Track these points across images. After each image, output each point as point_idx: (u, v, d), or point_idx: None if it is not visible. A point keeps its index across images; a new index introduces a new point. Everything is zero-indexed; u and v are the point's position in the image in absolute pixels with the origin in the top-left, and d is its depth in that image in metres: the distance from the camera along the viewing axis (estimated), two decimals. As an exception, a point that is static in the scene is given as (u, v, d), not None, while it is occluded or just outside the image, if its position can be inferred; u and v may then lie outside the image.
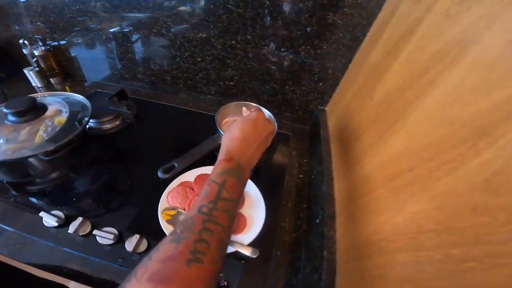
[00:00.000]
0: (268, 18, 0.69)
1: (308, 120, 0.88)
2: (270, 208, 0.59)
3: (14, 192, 0.58)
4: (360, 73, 0.60)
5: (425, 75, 0.33)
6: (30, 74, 0.94)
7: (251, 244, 0.50)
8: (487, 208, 0.21)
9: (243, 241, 0.50)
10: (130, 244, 0.50)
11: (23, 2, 0.85)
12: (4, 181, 0.56)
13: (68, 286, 0.72)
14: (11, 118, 0.54)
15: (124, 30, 0.84)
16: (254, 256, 0.48)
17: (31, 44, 0.91)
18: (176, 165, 0.56)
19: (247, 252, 0.48)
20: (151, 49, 0.87)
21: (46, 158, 0.52)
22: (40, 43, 0.92)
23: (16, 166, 0.53)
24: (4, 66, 1.00)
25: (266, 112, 0.71)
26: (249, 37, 0.74)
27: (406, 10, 0.47)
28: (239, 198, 0.37)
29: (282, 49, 0.74)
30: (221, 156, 0.40)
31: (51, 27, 0.90)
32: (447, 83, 0.28)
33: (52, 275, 0.50)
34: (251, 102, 0.74)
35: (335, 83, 0.75)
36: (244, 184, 0.40)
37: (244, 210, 0.56)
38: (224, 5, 0.69)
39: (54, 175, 0.62)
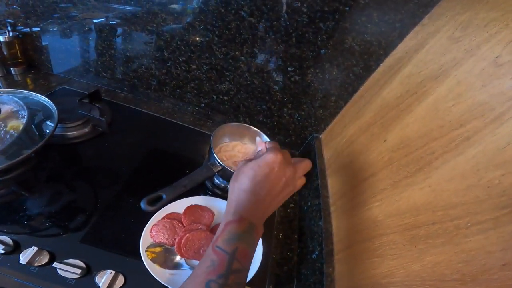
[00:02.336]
0: (283, 33, 0.69)
1: (299, 146, 0.91)
2: (264, 241, 0.58)
3: None
4: (369, 108, 0.61)
5: (459, 128, 0.32)
6: None
7: (249, 283, 0.49)
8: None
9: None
10: (102, 280, 0.45)
11: None
12: None
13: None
14: None
15: (110, 22, 0.79)
16: None
17: None
18: (164, 196, 0.52)
19: None
20: (139, 48, 0.83)
21: None
22: (9, 28, 0.85)
23: None
24: None
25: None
26: (256, 50, 0.74)
27: (439, 48, 0.45)
28: (250, 264, 0.35)
29: (289, 69, 0.75)
30: (229, 215, 0.37)
31: (27, 11, 0.83)
32: (487, 144, 0.28)
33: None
34: (243, 121, 0.75)
35: (335, 111, 0.78)
36: (256, 245, 0.38)
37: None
38: (237, 10, 0.68)
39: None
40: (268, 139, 0.72)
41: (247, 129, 0.74)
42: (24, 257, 0.45)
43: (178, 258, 0.50)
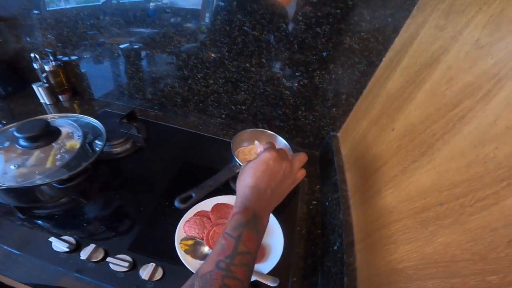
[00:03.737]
0: (285, 42, 0.72)
1: (318, 146, 0.91)
2: (286, 235, 0.60)
3: (20, 215, 0.58)
4: (377, 101, 0.62)
5: (454, 109, 0.33)
6: (39, 90, 0.94)
7: (270, 273, 0.51)
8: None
9: (262, 270, 0.51)
10: (145, 273, 0.50)
11: (37, 13, 0.87)
12: (11, 205, 0.56)
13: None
14: (22, 143, 0.54)
15: (135, 47, 0.87)
16: (274, 285, 0.49)
17: (41, 58, 0.91)
18: (193, 195, 0.58)
19: (267, 281, 0.49)
20: (163, 69, 0.89)
21: (59, 187, 0.52)
22: (51, 58, 0.93)
23: (26, 192, 0.52)
24: (11, 80, 1.01)
25: (282, 142, 0.74)
26: (263, 60, 0.77)
27: (429, 37, 0.47)
28: (257, 248, 0.38)
29: (297, 74, 0.77)
30: (235, 208, 0.40)
31: (63, 41, 0.92)
32: (480, 120, 0.29)
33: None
34: (262, 127, 0.77)
35: (348, 109, 0.79)
36: (263, 232, 0.40)
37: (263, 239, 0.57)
38: (240, 27, 0.72)
39: (63, 200, 0.63)
40: (284, 141, 0.75)
41: (263, 133, 0.77)
42: (84, 253, 0.51)
43: (206, 249, 0.54)
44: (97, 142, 0.63)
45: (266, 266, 0.52)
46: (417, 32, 0.52)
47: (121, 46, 0.88)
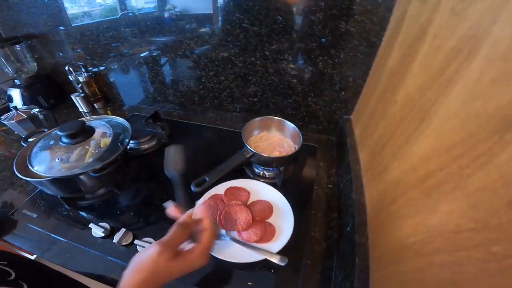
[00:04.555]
0: (283, 33, 0.72)
1: (333, 130, 0.88)
2: (299, 218, 0.59)
3: (66, 207, 0.66)
4: (381, 79, 0.60)
5: (443, 73, 0.33)
6: (77, 100, 1.03)
7: (280, 253, 0.51)
8: (523, 200, 0.20)
9: (272, 250, 0.51)
10: None
11: (63, 29, 0.95)
12: (58, 196, 0.64)
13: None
14: (64, 140, 0.62)
15: (153, 54, 0.92)
16: (283, 264, 0.48)
17: (75, 71, 0.99)
18: (207, 179, 0.60)
19: (275, 260, 0.49)
20: (179, 71, 0.94)
21: (95, 175, 0.59)
22: (83, 70, 1.00)
23: (69, 182, 0.59)
24: (53, 93, 1.11)
25: (290, 126, 0.73)
26: (267, 52, 0.77)
27: (416, 11, 0.47)
28: None
29: (300, 62, 0.76)
30: None
31: (91, 53, 0.99)
32: (467, 79, 0.28)
33: (99, 283, 0.54)
34: (275, 116, 0.77)
35: (357, 90, 0.75)
36: None
37: (273, 220, 0.58)
38: (240, 24, 0.74)
39: (101, 191, 0.69)
40: (293, 125, 0.74)
41: (270, 120, 0.77)
42: (116, 237, 0.56)
43: (220, 229, 0.55)
44: (127, 139, 0.68)
45: (275, 245, 0.52)
46: (406, 8, 0.52)
47: (142, 55, 0.94)
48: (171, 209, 0.38)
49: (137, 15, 0.83)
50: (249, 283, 0.50)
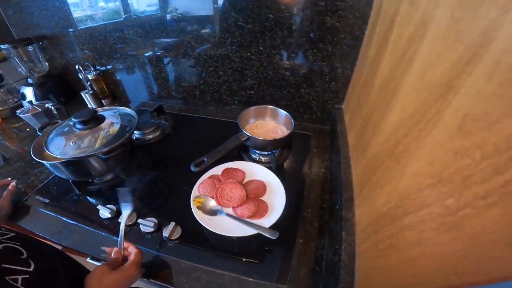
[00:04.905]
0: (275, 29, 0.76)
1: (327, 120, 0.91)
2: (292, 200, 0.62)
3: (77, 191, 0.70)
4: (364, 68, 0.64)
5: (405, 55, 0.37)
6: (86, 97, 1.07)
7: (272, 228, 0.54)
8: (464, 150, 0.23)
9: (265, 225, 0.54)
10: (166, 231, 0.57)
11: (72, 30, 0.99)
12: (70, 181, 0.69)
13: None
14: (78, 126, 0.66)
15: (157, 53, 0.96)
16: (274, 238, 0.51)
17: (84, 69, 1.04)
18: (205, 159, 0.64)
19: (267, 233, 0.52)
20: (180, 68, 0.98)
21: (103, 157, 0.63)
22: (92, 68, 1.04)
23: (81, 165, 0.64)
24: (63, 91, 1.17)
25: (283, 113, 0.77)
26: (261, 48, 0.81)
27: (387, 4, 0.52)
28: None
29: (292, 55, 0.80)
30: None
31: (98, 53, 1.04)
32: (421, 57, 0.32)
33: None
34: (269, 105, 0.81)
35: (346, 81, 0.78)
36: None
37: (266, 198, 0.61)
38: (235, 22, 0.78)
39: (108, 176, 0.74)
40: (285, 112, 0.78)
41: (265, 109, 0.81)
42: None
43: (212, 204, 0.59)
44: (133, 126, 0.71)
45: (268, 221, 0.55)
46: (381, 2, 0.56)
47: (146, 54, 0.99)
48: (109, 251, 0.51)
49: (140, 17, 0.88)
50: (243, 259, 0.54)
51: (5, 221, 0.65)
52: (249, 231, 0.53)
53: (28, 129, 1.02)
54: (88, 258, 0.61)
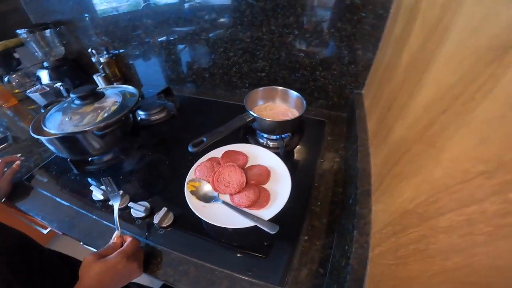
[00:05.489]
0: (288, 7, 0.68)
1: (344, 106, 0.81)
2: (299, 191, 0.55)
3: (75, 171, 0.67)
4: (388, 48, 0.56)
5: (439, 24, 0.31)
6: (98, 79, 1.06)
7: (273, 221, 0.46)
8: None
9: (264, 217, 0.47)
10: (157, 217, 0.51)
11: (88, 16, 0.98)
12: (68, 159, 0.66)
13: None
14: (76, 102, 0.63)
15: (170, 38, 0.92)
16: (273, 232, 0.44)
17: (98, 53, 1.04)
18: (204, 139, 0.57)
19: (265, 227, 0.44)
20: (190, 50, 0.93)
21: (98, 133, 0.59)
22: (105, 52, 1.05)
23: (76, 142, 0.60)
24: (78, 75, 1.16)
25: (294, 95, 0.70)
26: (273, 27, 0.74)
27: None
28: None
29: (307, 35, 0.72)
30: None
31: (112, 37, 1.02)
32: (460, 22, 0.27)
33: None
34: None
35: (367, 64, 0.69)
36: None
37: (269, 185, 0.53)
38: (246, 0, 0.72)
39: (107, 157, 0.70)
40: (296, 93, 0.71)
41: (274, 90, 0.73)
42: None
43: (206, 189, 0.53)
44: (132, 103, 0.68)
45: (268, 212, 0.48)
46: None
47: (159, 40, 0.95)
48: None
49: (159, 6, 0.84)
50: (238, 254, 0.47)
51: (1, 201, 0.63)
52: (246, 223, 0.46)
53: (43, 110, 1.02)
54: (81, 243, 0.56)
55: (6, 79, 1.11)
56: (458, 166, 0.23)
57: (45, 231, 1.00)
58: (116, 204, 0.52)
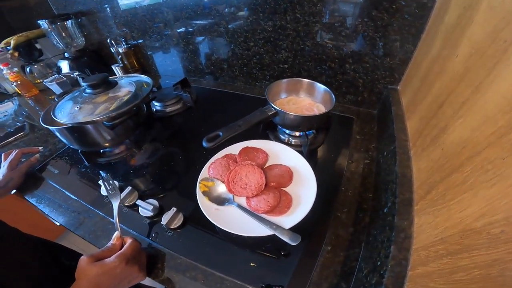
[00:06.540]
0: None
1: (375, 103, 0.74)
2: (324, 195, 0.49)
3: (86, 163, 0.65)
4: (436, 39, 0.50)
5: None
6: (117, 70, 1.06)
7: (293, 230, 0.40)
8: None
9: (285, 224, 0.41)
10: (165, 218, 0.47)
11: (108, 7, 0.98)
12: (79, 151, 0.64)
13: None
14: (88, 90, 0.61)
15: (188, 29, 0.89)
16: (294, 244, 0.38)
17: (117, 44, 1.05)
18: (221, 134, 0.52)
19: (286, 238, 0.39)
20: (209, 41, 0.90)
21: (108, 124, 0.56)
22: (124, 43, 1.05)
23: (87, 132, 0.58)
24: (97, 66, 1.16)
25: (321, 88, 0.64)
26: (298, 15, 0.68)
27: None
28: None
29: (336, 24, 0.65)
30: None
31: (130, 28, 1.01)
32: None
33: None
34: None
35: (406, 57, 0.62)
36: None
37: (291, 189, 0.48)
38: None
39: (119, 149, 0.68)
40: (324, 86, 0.64)
41: (299, 82, 0.67)
42: (123, 195, 0.52)
43: (221, 190, 0.48)
44: (145, 93, 0.64)
45: (289, 220, 0.42)
46: None
47: (178, 31, 0.93)
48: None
49: None
50: (251, 264, 0.42)
51: (10, 193, 0.62)
52: (264, 231, 0.40)
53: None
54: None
55: (28, 69, 1.13)
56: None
57: (58, 223, 1.03)
58: (115, 203, 0.48)
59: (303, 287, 0.39)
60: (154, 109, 0.82)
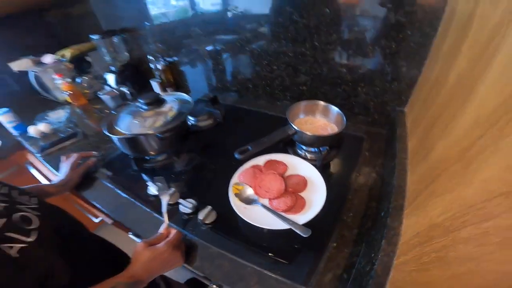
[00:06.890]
0: (331, 25, 0.73)
1: (384, 123, 0.83)
2: (333, 200, 0.59)
3: (134, 167, 0.79)
4: (435, 66, 0.57)
5: (489, 46, 0.33)
6: (155, 85, 1.17)
7: (305, 226, 0.51)
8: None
9: (298, 221, 0.52)
10: (201, 214, 0.59)
11: (148, 24, 1.11)
12: (132, 156, 0.78)
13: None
14: (143, 107, 0.74)
15: (216, 48, 1.02)
16: (305, 236, 0.49)
17: (156, 60, 1.14)
18: (250, 148, 0.65)
19: (299, 230, 0.50)
20: (236, 61, 1.02)
21: (160, 136, 0.70)
22: (161, 59, 1.14)
23: (140, 142, 0.72)
24: (138, 79, 1.27)
25: (335, 110, 0.73)
26: (316, 43, 0.79)
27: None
28: None
29: (350, 51, 0.75)
30: (125, 272, 0.47)
31: (167, 46, 1.14)
32: (507, 48, 0.29)
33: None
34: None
35: (412, 82, 0.71)
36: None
37: (305, 194, 0.59)
38: (290, 17, 0.78)
39: (161, 157, 0.81)
40: (337, 109, 0.74)
41: (316, 105, 0.78)
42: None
43: (249, 192, 0.60)
44: (187, 111, 0.79)
45: (302, 217, 0.53)
46: None
47: (207, 49, 1.05)
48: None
49: (205, 14, 0.95)
50: (269, 254, 0.53)
51: (70, 191, 0.73)
52: (281, 225, 0.52)
53: (107, 111, 1.16)
54: (130, 233, 0.66)
55: (79, 80, 1.26)
56: (486, 186, 0.26)
57: (96, 220, 1.15)
58: (164, 200, 0.60)
59: (310, 275, 0.49)
60: (190, 123, 0.95)
